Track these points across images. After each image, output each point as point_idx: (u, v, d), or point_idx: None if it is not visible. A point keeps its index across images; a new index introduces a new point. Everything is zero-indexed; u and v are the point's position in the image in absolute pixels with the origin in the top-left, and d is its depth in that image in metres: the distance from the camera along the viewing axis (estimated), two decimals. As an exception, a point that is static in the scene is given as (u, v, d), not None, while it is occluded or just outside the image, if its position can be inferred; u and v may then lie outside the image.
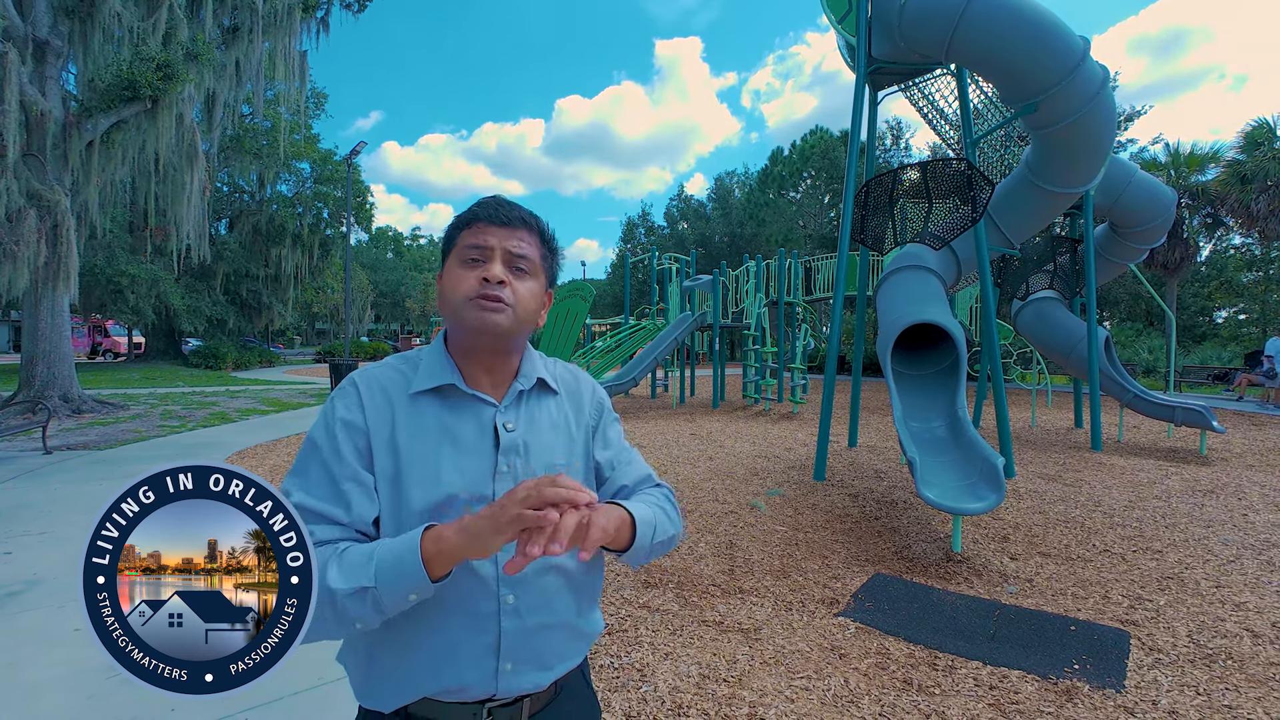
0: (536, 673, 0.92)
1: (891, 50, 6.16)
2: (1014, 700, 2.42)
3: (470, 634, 0.88)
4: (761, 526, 4.59)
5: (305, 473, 0.89)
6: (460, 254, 0.93)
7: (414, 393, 0.93)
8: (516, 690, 0.91)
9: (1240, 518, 4.88)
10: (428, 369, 0.95)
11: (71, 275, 10.35)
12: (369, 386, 0.94)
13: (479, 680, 0.89)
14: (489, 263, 0.91)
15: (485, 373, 0.96)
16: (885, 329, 5.52)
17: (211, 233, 21.86)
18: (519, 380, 0.98)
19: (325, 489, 0.87)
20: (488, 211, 0.94)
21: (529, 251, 0.95)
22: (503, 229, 0.93)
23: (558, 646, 0.95)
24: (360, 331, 48.55)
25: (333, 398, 0.94)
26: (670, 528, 0.99)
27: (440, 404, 0.93)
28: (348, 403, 0.92)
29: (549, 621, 0.93)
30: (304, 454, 0.90)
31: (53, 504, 5.12)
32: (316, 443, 0.90)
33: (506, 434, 0.93)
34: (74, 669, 2.57)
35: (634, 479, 1.06)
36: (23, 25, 10.23)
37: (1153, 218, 8.78)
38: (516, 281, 0.93)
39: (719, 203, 41.05)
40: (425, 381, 0.93)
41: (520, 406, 0.97)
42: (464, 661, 0.88)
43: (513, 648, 0.90)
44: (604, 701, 2.40)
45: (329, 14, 14.95)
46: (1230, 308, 26.46)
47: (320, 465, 0.89)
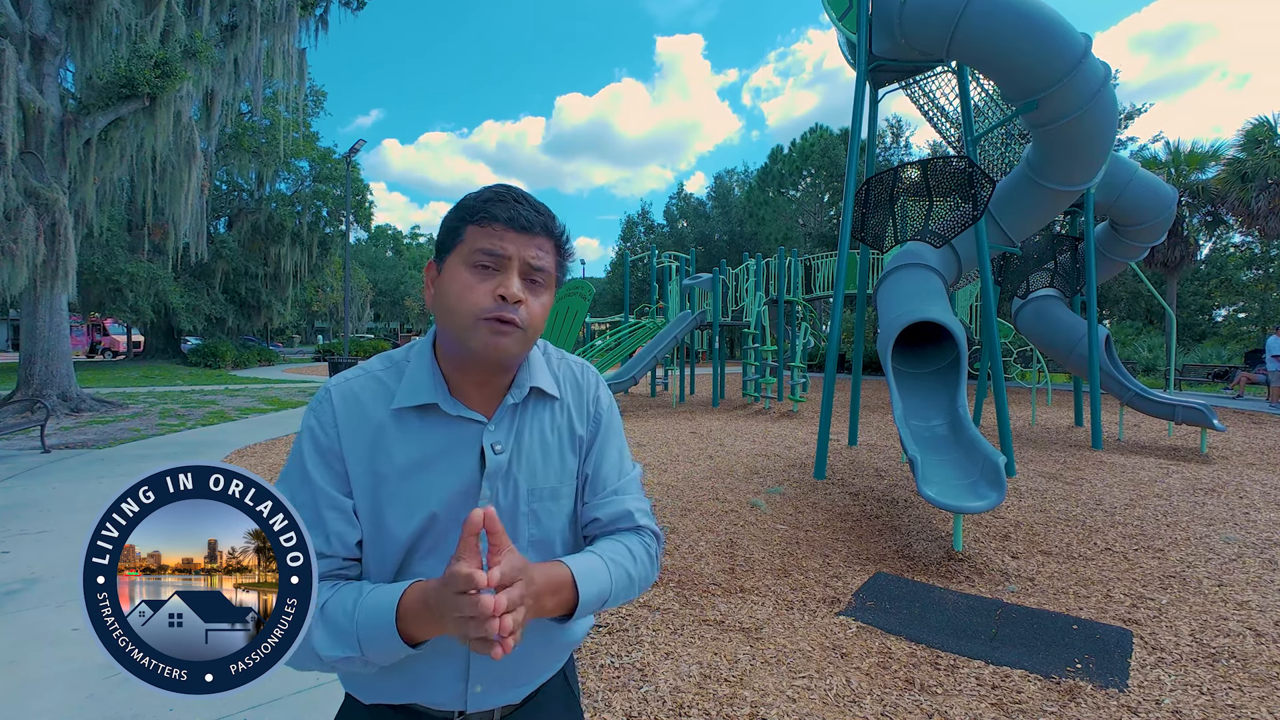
0: (510, 690, 0.90)
1: (892, 48, 6.14)
2: (1016, 700, 2.41)
3: (439, 662, 0.86)
4: (762, 525, 4.58)
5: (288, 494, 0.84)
6: (469, 255, 0.81)
7: (395, 409, 0.85)
8: (487, 707, 0.90)
9: (1242, 516, 4.88)
10: (412, 382, 0.86)
11: (70, 274, 10.33)
12: (346, 402, 0.86)
13: (449, 700, 0.88)
14: (505, 274, 0.81)
15: (476, 387, 0.87)
16: (886, 327, 5.51)
17: (210, 231, 21.87)
18: (511, 393, 0.89)
19: (307, 515, 0.81)
20: (507, 213, 0.81)
21: (546, 263, 0.84)
22: (522, 235, 0.81)
23: (533, 663, 0.91)
24: (359, 330, 48.53)
25: (309, 411, 0.87)
26: (631, 591, 0.89)
27: (422, 422, 0.85)
28: (323, 423, 0.85)
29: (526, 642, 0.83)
30: (286, 473, 0.86)
31: (51, 503, 5.11)
32: (294, 464, 0.86)
33: (494, 456, 0.86)
34: (73, 668, 2.57)
35: (609, 515, 0.94)
36: (20, 22, 10.20)
37: (1153, 216, 8.78)
38: (531, 297, 0.83)
39: (719, 201, 41.06)
40: (408, 398, 0.85)
41: (511, 423, 0.89)
42: (436, 685, 0.87)
43: (482, 672, 0.87)
44: (604, 701, 2.39)
45: (327, 11, 14.95)
46: (1230, 306, 26.50)
47: (300, 488, 0.84)
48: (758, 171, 37.91)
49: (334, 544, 0.83)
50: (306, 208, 26.75)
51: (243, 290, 25.54)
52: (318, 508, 0.83)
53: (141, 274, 19.94)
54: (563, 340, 12.22)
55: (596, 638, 2.89)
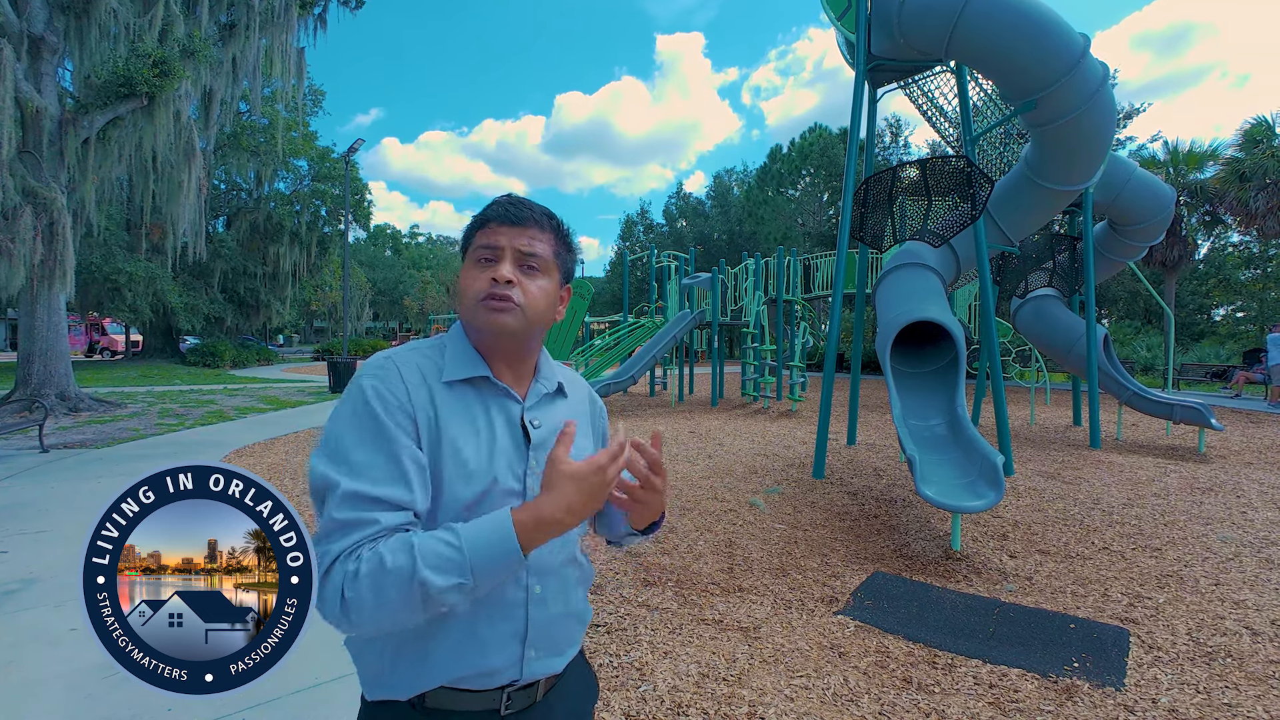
0: (553, 658, 0.97)
1: (891, 47, 6.14)
2: (1014, 698, 2.42)
3: (498, 622, 0.90)
4: (760, 525, 4.59)
5: (350, 456, 0.82)
6: (473, 254, 0.95)
7: (447, 380, 0.92)
8: (538, 675, 0.95)
9: (1239, 515, 4.89)
10: (456, 358, 0.94)
11: (68, 273, 10.31)
12: (407, 367, 0.91)
13: (506, 665, 0.91)
14: (499, 262, 0.93)
15: (507, 368, 0.98)
16: (884, 327, 5.52)
17: (209, 231, 21.86)
18: (541, 383, 1.01)
19: (384, 470, 0.82)
20: (498, 211, 0.95)
21: (540, 249, 0.95)
22: (513, 228, 0.94)
23: (569, 633, 1.00)
24: (359, 330, 48.48)
25: (367, 376, 0.89)
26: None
27: (474, 394, 0.93)
28: (389, 382, 0.88)
29: (566, 611, 0.98)
30: (344, 437, 0.84)
31: (50, 503, 5.11)
32: (362, 423, 0.85)
33: (535, 430, 0.96)
34: (71, 668, 2.57)
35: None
36: (18, 21, 10.18)
37: (1152, 215, 8.79)
38: (527, 280, 0.94)
39: (718, 200, 41.06)
40: (458, 371, 0.93)
41: (542, 407, 1.00)
42: (491, 648, 0.90)
43: (538, 636, 0.94)
44: (603, 701, 2.40)
45: (326, 10, 14.91)
46: (1228, 305, 26.53)
47: (373, 446, 0.83)
48: (757, 171, 37.91)
49: (417, 496, 0.84)
50: (305, 207, 26.72)
51: (241, 290, 25.52)
52: (400, 460, 0.84)
53: (140, 273, 19.91)
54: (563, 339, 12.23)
55: (595, 637, 2.90)
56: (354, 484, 0.80)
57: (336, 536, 0.79)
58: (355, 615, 0.76)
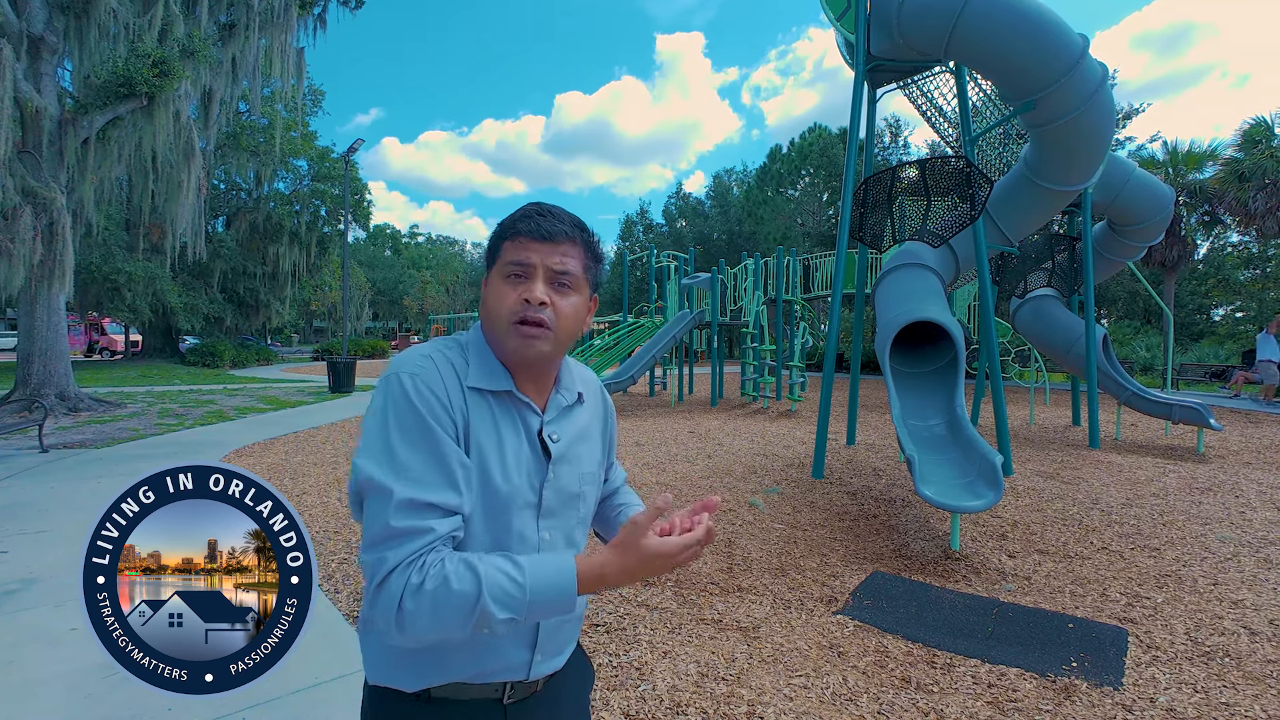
0: (555, 659, 1.01)
1: (890, 48, 6.15)
2: (1012, 698, 2.42)
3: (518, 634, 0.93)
4: (760, 524, 4.59)
5: (400, 459, 0.81)
6: (503, 268, 0.91)
7: (472, 386, 0.90)
8: (542, 674, 0.98)
9: (1238, 515, 4.89)
10: (480, 367, 0.92)
11: (67, 273, 10.31)
12: (444, 365, 0.89)
13: (513, 669, 0.94)
14: (530, 280, 0.90)
15: (530, 381, 0.96)
16: (884, 327, 5.52)
17: (208, 230, 21.85)
18: (561, 394, 1.00)
19: (436, 474, 0.82)
20: (529, 225, 0.91)
21: (572, 266, 0.92)
22: (545, 244, 0.90)
23: (569, 634, 1.03)
24: (359, 329, 48.46)
25: (406, 374, 0.86)
26: None
27: (496, 403, 0.92)
28: (430, 380, 0.86)
29: (571, 616, 0.97)
30: (391, 438, 0.82)
31: (49, 503, 5.10)
32: (408, 423, 0.83)
33: (554, 444, 0.96)
34: (71, 668, 2.57)
35: (620, 480, 1.21)
36: (18, 21, 10.18)
37: (1151, 215, 8.79)
38: (559, 299, 0.91)
39: (718, 200, 41.04)
40: (482, 380, 0.91)
41: (561, 420, 0.99)
42: (503, 654, 0.93)
43: (545, 641, 0.96)
44: (602, 700, 2.40)
45: (326, 10, 14.90)
46: (1227, 305, 26.53)
47: (424, 448, 0.82)
48: (756, 171, 37.88)
49: (465, 499, 0.84)
50: (305, 207, 26.71)
51: (241, 290, 25.50)
52: (449, 462, 0.83)
53: (139, 273, 19.89)
54: (561, 340, 12.19)
55: (594, 637, 2.90)
56: (408, 490, 0.80)
57: (393, 544, 0.78)
58: (410, 627, 0.77)
